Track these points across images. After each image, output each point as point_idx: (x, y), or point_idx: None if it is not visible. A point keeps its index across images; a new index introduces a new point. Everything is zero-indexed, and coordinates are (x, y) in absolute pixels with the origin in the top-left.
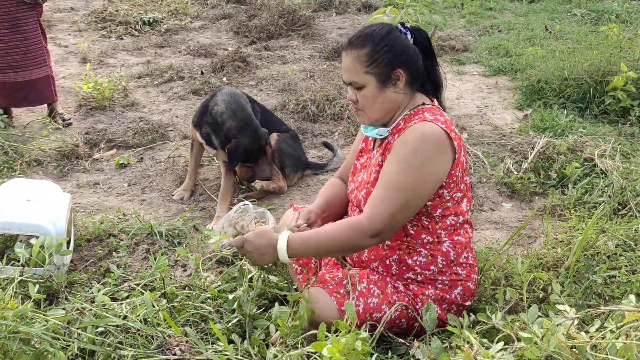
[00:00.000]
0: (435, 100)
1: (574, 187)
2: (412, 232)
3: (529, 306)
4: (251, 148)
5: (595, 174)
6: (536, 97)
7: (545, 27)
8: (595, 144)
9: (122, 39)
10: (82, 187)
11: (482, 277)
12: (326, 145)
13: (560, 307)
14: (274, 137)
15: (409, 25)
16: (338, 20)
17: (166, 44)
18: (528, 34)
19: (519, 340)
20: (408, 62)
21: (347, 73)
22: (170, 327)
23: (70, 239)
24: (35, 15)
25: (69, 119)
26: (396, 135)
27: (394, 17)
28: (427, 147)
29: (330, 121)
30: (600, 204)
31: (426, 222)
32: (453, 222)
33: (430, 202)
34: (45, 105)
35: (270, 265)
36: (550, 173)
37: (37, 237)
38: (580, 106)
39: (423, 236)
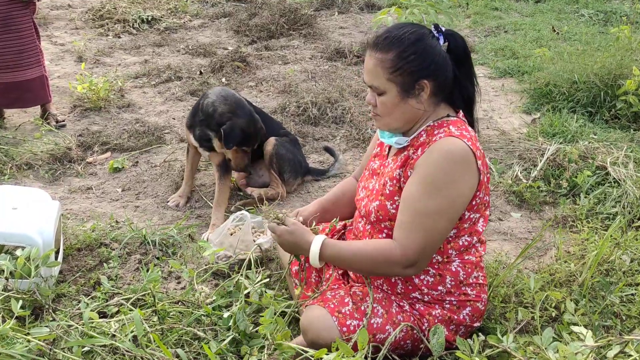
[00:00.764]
0: (460, 112)
1: (585, 197)
2: None
3: (542, 326)
4: (247, 129)
5: (608, 182)
6: (544, 101)
7: (553, 28)
8: (607, 150)
9: (119, 37)
10: (74, 192)
11: (492, 294)
12: (328, 150)
13: (575, 328)
14: (271, 141)
15: (444, 29)
16: (340, 19)
17: (164, 43)
18: (535, 34)
19: None
20: (435, 73)
21: (368, 75)
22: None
23: (59, 249)
24: (29, 14)
25: (63, 121)
26: (419, 150)
27: (398, 18)
28: (455, 167)
29: (332, 124)
30: (613, 215)
31: None
32: (466, 243)
33: None
34: (39, 106)
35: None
36: (560, 182)
37: (23, 248)
38: (590, 111)
39: (432, 255)
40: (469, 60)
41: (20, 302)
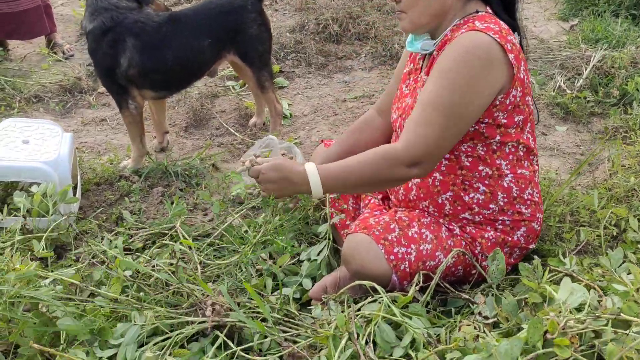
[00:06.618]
0: (489, 7)
1: (638, 105)
2: (468, 164)
3: (601, 246)
4: None
5: None
6: (583, 5)
7: None
8: None
9: None
10: (88, 124)
11: (546, 214)
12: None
13: None
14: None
15: None
16: None
17: None
18: None
19: (604, 293)
20: None
21: None
22: (197, 283)
23: (76, 184)
24: None
25: (71, 52)
26: (442, 49)
27: None
28: (473, 61)
29: (355, 41)
30: None
31: (482, 152)
32: (513, 151)
33: (485, 126)
34: (43, 36)
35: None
36: (610, 90)
37: (38, 185)
38: (634, 13)
39: (480, 168)
40: None
41: (42, 241)
